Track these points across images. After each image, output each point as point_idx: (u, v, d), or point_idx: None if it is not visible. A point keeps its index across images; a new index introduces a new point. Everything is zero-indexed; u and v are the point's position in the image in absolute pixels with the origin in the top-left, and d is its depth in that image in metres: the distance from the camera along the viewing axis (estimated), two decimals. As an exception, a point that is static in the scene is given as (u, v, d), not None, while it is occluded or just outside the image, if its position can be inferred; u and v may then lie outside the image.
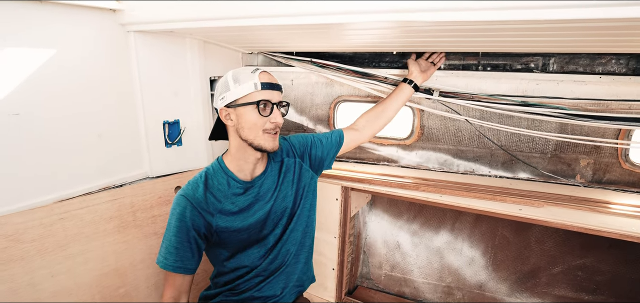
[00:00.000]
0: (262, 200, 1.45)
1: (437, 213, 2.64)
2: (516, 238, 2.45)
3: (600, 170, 2.11)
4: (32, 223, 1.52)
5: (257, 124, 1.31)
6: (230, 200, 1.39)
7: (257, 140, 1.33)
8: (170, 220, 1.32)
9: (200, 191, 1.35)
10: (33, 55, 1.48)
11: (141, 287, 1.98)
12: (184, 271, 1.32)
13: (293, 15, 1.43)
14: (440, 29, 1.54)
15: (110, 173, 1.84)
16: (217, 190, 1.38)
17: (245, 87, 1.29)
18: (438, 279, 2.74)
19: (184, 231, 1.30)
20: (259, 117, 1.30)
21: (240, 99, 1.30)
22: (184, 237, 1.30)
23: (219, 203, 1.37)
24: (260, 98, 1.29)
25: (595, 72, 1.95)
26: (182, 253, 1.30)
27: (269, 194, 1.47)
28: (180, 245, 1.30)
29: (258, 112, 1.29)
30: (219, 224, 1.36)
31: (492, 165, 2.34)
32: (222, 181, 1.39)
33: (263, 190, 1.46)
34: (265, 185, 1.46)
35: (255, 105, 1.29)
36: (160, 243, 1.34)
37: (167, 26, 1.74)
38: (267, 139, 1.34)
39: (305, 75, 2.62)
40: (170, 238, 1.31)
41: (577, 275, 2.34)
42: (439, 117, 2.36)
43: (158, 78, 1.95)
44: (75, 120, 1.66)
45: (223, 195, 1.38)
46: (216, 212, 1.36)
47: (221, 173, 1.41)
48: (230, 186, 1.40)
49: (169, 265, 1.30)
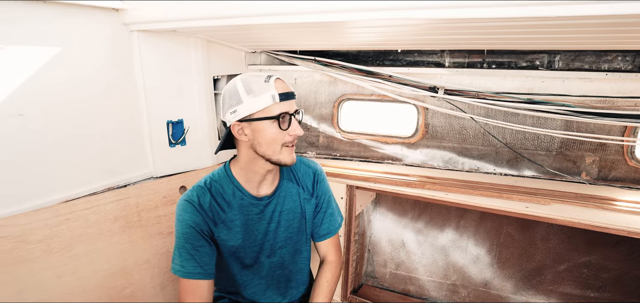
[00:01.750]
0: (264, 220, 1.37)
1: (442, 212, 2.63)
2: (521, 235, 2.44)
3: (606, 168, 2.10)
4: (37, 224, 1.52)
5: (276, 139, 1.21)
6: (234, 211, 1.32)
7: (275, 155, 1.23)
8: (179, 228, 1.25)
9: (206, 198, 1.28)
10: (36, 55, 1.48)
11: (147, 287, 1.98)
12: (204, 276, 1.25)
13: (296, 14, 1.43)
14: (445, 27, 1.53)
15: (114, 173, 1.83)
16: (222, 199, 1.30)
17: (261, 99, 1.16)
18: (443, 277, 2.74)
19: (194, 236, 1.24)
20: (279, 132, 1.20)
21: (256, 113, 1.18)
22: (196, 242, 1.24)
23: (223, 213, 1.30)
24: (280, 111, 1.18)
25: (601, 69, 1.94)
26: (199, 259, 1.24)
27: (272, 215, 1.38)
28: (195, 250, 1.24)
29: (278, 127, 1.19)
30: (220, 235, 1.31)
31: (497, 162, 2.33)
32: (228, 190, 1.32)
33: (268, 211, 1.37)
34: (271, 207, 1.38)
35: (274, 119, 1.18)
36: (173, 254, 1.27)
37: (171, 25, 1.73)
38: (287, 153, 1.25)
39: (309, 73, 2.62)
40: (183, 245, 1.24)
41: (583, 273, 2.33)
42: (444, 115, 2.35)
43: (161, 77, 1.95)
44: (79, 120, 1.66)
45: (227, 205, 1.31)
46: (219, 221, 1.30)
47: (227, 181, 1.32)
48: (236, 196, 1.32)
49: (188, 272, 1.23)
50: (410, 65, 2.31)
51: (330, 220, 1.52)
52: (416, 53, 2.31)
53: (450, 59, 2.22)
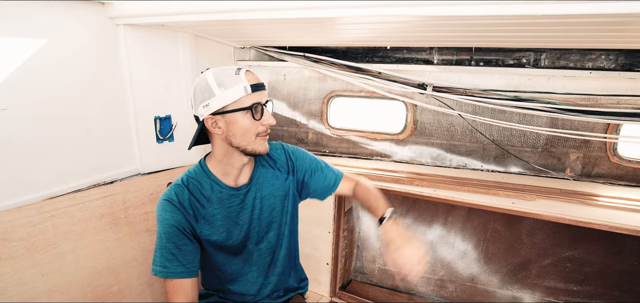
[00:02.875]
0: (247, 209, 1.38)
1: (430, 208, 2.66)
2: (507, 231, 2.48)
3: (590, 164, 2.15)
4: (20, 222, 1.49)
5: (250, 130, 1.23)
6: (214, 206, 1.32)
7: (250, 145, 1.25)
8: (160, 227, 1.24)
9: (184, 195, 1.27)
10: (20, 49, 1.44)
11: (134, 285, 1.96)
12: (188, 274, 1.24)
13: (285, 9, 1.42)
14: (434, 24, 1.55)
15: (100, 169, 1.81)
16: (201, 195, 1.30)
17: (234, 91, 1.19)
18: (431, 272, 2.77)
19: (176, 234, 1.24)
20: (252, 122, 1.22)
21: (229, 105, 1.20)
22: (179, 241, 1.24)
23: (202, 208, 1.30)
24: (252, 102, 1.21)
25: (585, 67, 1.98)
26: (181, 258, 1.23)
27: (254, 202, 1.39)
28: (177, 249, 1.23)
29: (252, 117, 1.22)
30: (202, 232, 1.30)
31: (484, 159, 2.36)
32: (206, 185, 1.32)
33: (248, 199, 1.38)
34: (251, 194, 1.39)
35: (247, 110, 1.21)
36: (154, 255, 1.25)
37: (158, 20, 1.71)
38: (260, 142, 1.27)
39: (298, 70, 2.61)
40: (165, 244, 1.23)
41: (566, 267, 2.38)
42: (432, 112, 2.37)
43: (149, 73, 1.92)
44: (64, 115, 1.63)
45: (206, 200, 1.31)
46: (200, 218, 1.30)
47: (204, 176, 1.33)
48: (214, 191, 1.32)
49: (171, 272, 1.22)
50: (400, 62, 2.32)
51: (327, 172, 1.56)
52: (405, 50, 2.32)
53: (438, 56, 2.24)
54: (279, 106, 2.78)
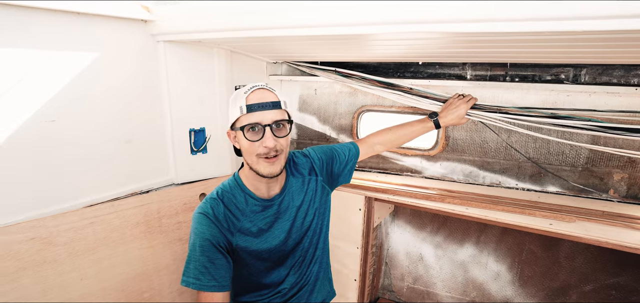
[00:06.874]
0: (282, 218, 1.39)
1: (462, 226, 2.58)
2: (544, 253, 2.36)
3: (636, 185, 2.02)
4: (64, 227, 1.57)
5: (249, 150, 1.24)
6: (249, 219, 1.33)
7: (254, 165, 1.26)
8: (193, 240, 1.25)
9: (219, 209, 1.28)
10: (69, 65, 1.54)
11: (165, 292, 2.01)
12: (219, 289, 1.23)
13: (317, 26, 1.44)
14: (467, 40, 1.52)
15: (137, 179, 1.88)
16: (235, 208, 1.32)
17: (235, 110, 1.23)
18: (462, 293, 2.68)
19: (210, 248, 1.23)
20: (250, 143, 1.22)
21: (234, 123, 1.26)
22: (212, 255, 1.23)
23: (237, 221, 1.31)
24: (247, 122, 1.21)
25: (630, 83, 1.88)
26: (214, 272, 1.22)
27: (289, 212, 1.41)
28: (210, 263, 1.23)
29: (246, 137, 1.23)
30: (239, 244, 1.31)
31: (519, 177, 2.27)
32: (240, 198, 1.33)
33: (283, 208, 1.39)
34: (285, 203, 1.40)
35: (246, 129, 1.22)
36: (185, 266, 1.25)
37: (196, 37, 1.78)
38: (264, 165, 1.24)
39: (329, 84, 2.63)
40: (198, 258, 1.22)
41: (611, 294, 2.23)
42: (465, 128, 2.32)
43: (185, 86, 2.00)
44: (107, 126, 1.72)
45: (241, 213, 1.32)
46: (236, 230, 1.30)
47: (238, 190, 1.34)
48: (248, 203, 1.33)
49: (204, 285, 1.20)
50: (431, 77, 2.29)
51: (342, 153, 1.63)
52: (437, 65, 2.29)
53: (472, 71, 2.19)
54: (310, 120, 2.80)
